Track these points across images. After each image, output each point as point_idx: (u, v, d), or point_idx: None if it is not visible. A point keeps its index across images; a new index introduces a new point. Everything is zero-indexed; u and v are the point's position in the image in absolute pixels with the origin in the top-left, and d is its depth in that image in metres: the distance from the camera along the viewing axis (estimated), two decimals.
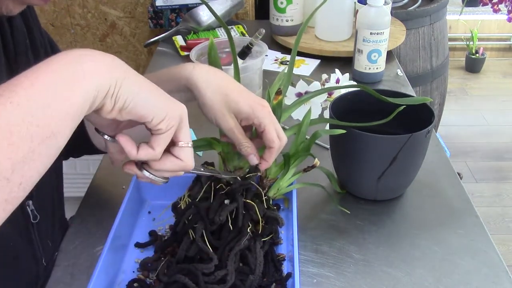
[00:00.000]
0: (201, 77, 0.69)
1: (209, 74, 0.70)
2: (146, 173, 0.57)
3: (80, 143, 0.83)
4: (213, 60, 0.78)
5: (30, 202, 0.73)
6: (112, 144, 0.58)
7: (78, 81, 0.46)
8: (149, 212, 0.84)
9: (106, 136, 0.57)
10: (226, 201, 0.71)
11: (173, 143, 0.56)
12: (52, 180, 0.83)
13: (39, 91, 0.43)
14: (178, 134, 0.55)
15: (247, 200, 0.72)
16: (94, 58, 0.48)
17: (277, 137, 0.70)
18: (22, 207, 0.71)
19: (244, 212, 0.71)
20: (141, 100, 0.50)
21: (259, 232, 0.72)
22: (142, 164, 0.57)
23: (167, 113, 0.52)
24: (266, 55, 1.21)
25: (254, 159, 0.71)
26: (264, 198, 0.76)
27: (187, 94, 0.71)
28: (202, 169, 0.70)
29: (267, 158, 0.71)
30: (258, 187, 0.75)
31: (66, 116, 0.45)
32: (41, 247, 0.77)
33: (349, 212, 0.84)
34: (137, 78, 0.51)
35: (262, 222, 0.73)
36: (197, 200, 0.72)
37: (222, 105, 0.68)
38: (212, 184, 0.73)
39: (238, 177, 0.74)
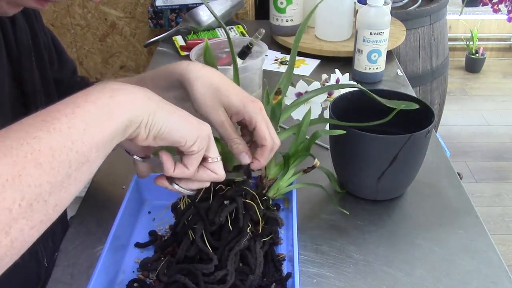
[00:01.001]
0: (194, 72, 0.69)
1: (203, 70, 0.69)
2: (176, 186, 0.62)
3: None
4: (208, 61, 0.78)
5: None
6: (141, 164, 0.65)
7: (111, 113, 0.49)
8: (149, 212, 0.84)
9: (136, 157, 0.63)
10: (226, 202, 0.71)
11: (203, 159, 0.60)
12: None
13: (79, 120, 0.46)
14: (208, 151, 0.59)
15: (247, 200, 0.72)
16: (127, 93, 0.51)
17: (270, 135, 0.68)
18: None
19: (244, 213, 0.71)
20: (174, 127, 0.54)
21: (259, 232, 0.72)
22: (172, 178, 0.62)
23: (198, 135, 0.56)
24: (266, 55, 1.21)
25: (245, 158, 0.69)
26: (263, 198, 0.76)
27: (181, 91, 0.71)
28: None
29: (259, 156, 0.69)
30: (250, 191, 0.75)
31: (100, 144, 0.47)
32: (43, 247, 0.77)
33: (348, 213, 0.84)
34: (168, 107, 0.54)
35: (262, 222, 0.72)
36: (196, 200, 0.72)
37: (212, 99, 0.67)
38: (212, 185, 0.73)
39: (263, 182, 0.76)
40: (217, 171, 0.61)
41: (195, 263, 0.68)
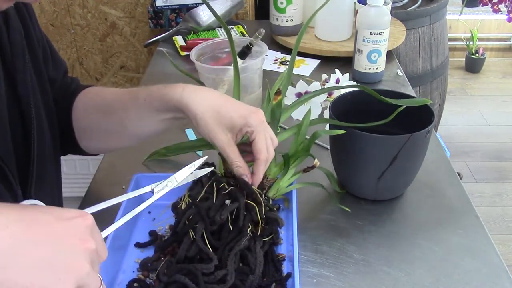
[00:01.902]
0: (191, 99, 0.69)
1: (199, 94, 0.70)
2: None
3: (65, 142, 0.83)
4: None
5: None
6: None
7: None
8: (149, 212, 0.84)
9: None
10: (227, 201, 0.71)
11: None
12: (52, 180, 0.83)
13: None
14: None
15: (248, 201, 0.72)
16: None
17: (266, 148, 0.69)
18: None
19: (245, 213, 0.71)
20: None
21: (259, 233, 0.72)
22: None
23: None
24: (266, 55, 1.21)
25: (245, 179, 0.71)
26: (264, 198, 0.76)
27: (178, 113, 0.73)
28: None
29: (255, 171, 0.71)
30: (255, 193, 0.75)
31: None
32: None
33: (349, 211, 0.84)
34: (28, 246, 0.43)
35: (262, 223, 0.72)
36: (197, 200, 0.72)
37: (214, 123, 0.68)
38: (214, 185, 0.73)
39: None
40: None
41: (195, 263, 0.68)
